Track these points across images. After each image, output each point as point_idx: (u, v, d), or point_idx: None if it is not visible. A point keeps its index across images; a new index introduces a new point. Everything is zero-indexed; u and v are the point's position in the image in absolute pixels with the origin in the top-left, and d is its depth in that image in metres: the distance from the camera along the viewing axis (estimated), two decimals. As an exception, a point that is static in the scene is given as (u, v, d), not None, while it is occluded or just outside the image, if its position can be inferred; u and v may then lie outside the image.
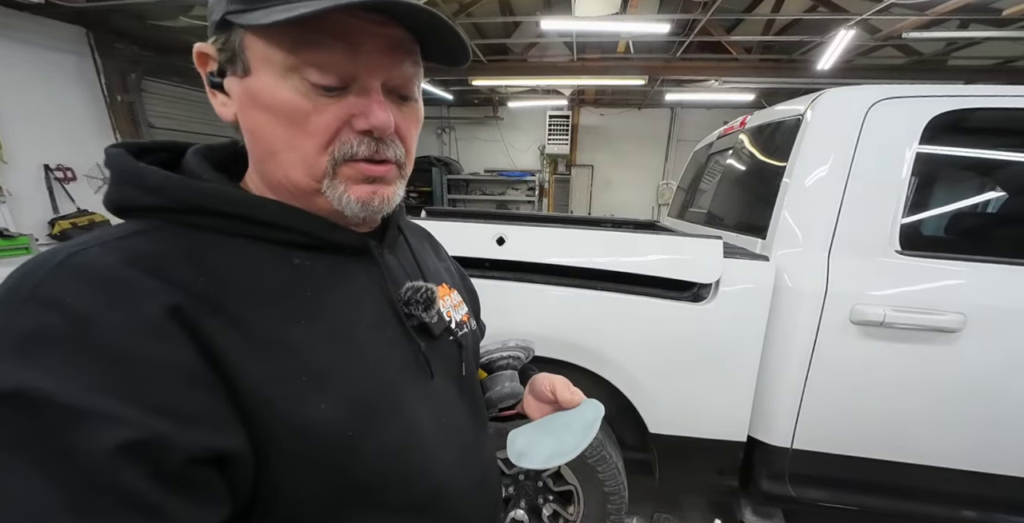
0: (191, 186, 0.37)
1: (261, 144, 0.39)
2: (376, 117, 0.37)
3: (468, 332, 0.57)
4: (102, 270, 0.31)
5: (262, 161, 0.41)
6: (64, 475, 0.26)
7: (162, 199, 0.37)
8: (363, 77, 0.37)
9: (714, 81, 4.99)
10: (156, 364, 0.30)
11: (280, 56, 0.35)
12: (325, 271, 0.42)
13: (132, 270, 0.32)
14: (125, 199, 0.38)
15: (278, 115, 0.37)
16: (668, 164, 6.94)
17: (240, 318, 0.35)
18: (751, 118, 1.67)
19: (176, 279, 0.33)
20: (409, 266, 0.52)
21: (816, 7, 4.05)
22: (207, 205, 0.37)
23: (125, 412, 0.27)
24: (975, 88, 1.15)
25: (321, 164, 0.38)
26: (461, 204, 7.08)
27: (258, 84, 0.37)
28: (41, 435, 0.26)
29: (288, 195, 0.41)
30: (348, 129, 0.38)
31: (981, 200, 1.26)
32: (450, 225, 1.33)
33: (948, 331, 1.09)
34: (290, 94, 0.36)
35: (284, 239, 0.40)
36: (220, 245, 0.38)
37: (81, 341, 0.28)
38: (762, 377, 1.19)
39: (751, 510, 1.37)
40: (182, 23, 3.69)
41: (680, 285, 1.18)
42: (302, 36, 0.34)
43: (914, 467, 1.20)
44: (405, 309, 0.47)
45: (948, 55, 4.43)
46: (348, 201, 0.40)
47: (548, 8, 4.70)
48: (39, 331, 0.28)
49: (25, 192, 3.52)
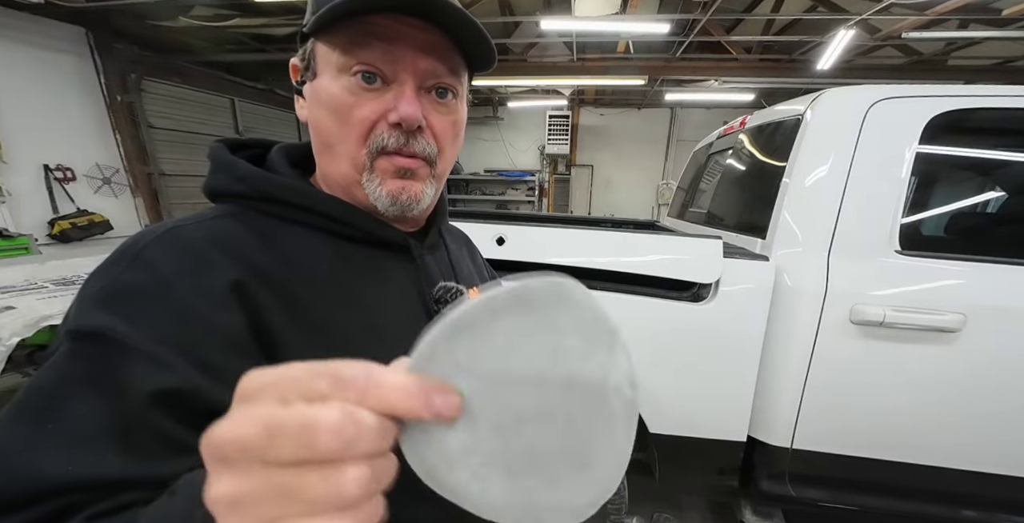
0: (267, 178, 0.44)
1: (320, 138, 0.44)
2: (403, 109, 0.41)
3: None
4: (191, 242, 0.38)
5: (320, 153, 0.46)
6: (118, 406, 0.30)
7: (245, 188, 0.43)
8: (399, 75, 0.41)
9: (714, 81, 4.99)
10: (210, 327, 0.35)
11: (335, 57, 0.41)
12: (369, 264, 0.46)
13: (212, 246, 0.38)
14: (219, 186, 0.45)
15: (330, 110, 0.42)
16: (668, 164, 6.94)
17: (293, 295, 0.40)
18: (751, 118, 1.67)
19: (245, 258, 0.39)
20: (445, 268, 0.55)
21: (816, 7, 4.05)
22: (279, 195, 0.43)
23: (176, 362, 0.32)
24: (975, 88, 1.15)
25: (361, 156, 0.43)
26: (461, 204, 7.08)
27: (320, 84, 0.42)
28: (108, 369, 0.31)
29: (339, 189, 0.46)
30: (383, 122, 0.42)
31: (981, 200, 1.26)
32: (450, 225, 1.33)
33: (948, 331, 1.09)
34: (340, 90, 0.41)
35: (337, 231, 0.45)
36: (285, 231, 0.43)
37: (159, 299, 0.34)
38: (762, 377, 1.19)
39: (751, 510, 1.37)
40: (182, 23, 3.69)
41: (680, 285, 1.18)
42: (353, 39, 0.40)
43: (914, 467, 1.20)
44: (436, 307, 0.49)
45: (948, 55, 4.43)
46: (380, 195, 0.44)
47: (548, 8, 4.71)
48: (133, 285, 0.34)
49: (25, 192, 3.52)
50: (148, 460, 0.30)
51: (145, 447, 0.30)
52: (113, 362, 0.31)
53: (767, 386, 1.20)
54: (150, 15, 3.65)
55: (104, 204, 4.02)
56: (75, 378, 0.31)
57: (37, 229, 3.57)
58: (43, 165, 3.62)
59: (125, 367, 0.31)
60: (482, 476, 0.21)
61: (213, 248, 0.38)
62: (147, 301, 0.34)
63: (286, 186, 0.44)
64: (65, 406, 0.30)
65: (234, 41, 4.24)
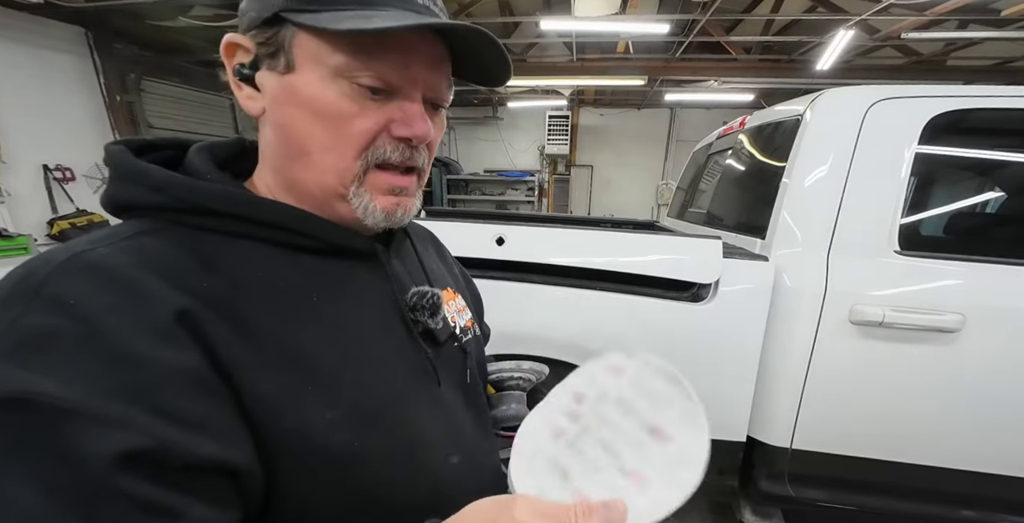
0: (195, 186, 0.37)
1: (294, 143, 0.39)
2: (419, 127, 0.39)
3: (472, 338, 0.56)
4: (110, 270, 0.30)
5: (290, 159, 0.40)
6: (70, 481, 0.25)
7: (166, 198, 0.36)
8: (408, 88, 0.38)
9: (713, 81, 5.00)
10: (163, 369, 0.29)
11: (336, 59, 0.36)
12: (332, 276, 0.42)
13: (141, 272, 0.31)
14: (127, 198, 0.37)
15: (321, 115, 0.37)
16: (667, 164, 6.94)
17: (248, 323, 0.34)
18: (750, 118, 1.68)
19: (185, 282, 0.33)
20: (415, 271, 0.52)
21: (815, 7, 4.06)
22: (212, 206, 0.37)
23: (130, 417, 0.27)
24: (974, 88, 1.15)
25: (354, 168, 0.39)
26: (461, 204, 7.07)
27: (303, 82, 0.37)
28: (44, 441, 0.26)
29: (307, 198, 0.41)
30: (385, 134, 0.39)
31: (980, 200, 1.26)
32: (450, 225, 1.33)
33: (947, 331, 1.09)
34: (336, 96, 0.36)
35: (290, 242, 0.40)
36: (226, 247, 0.37)
37: (87, 344, 0.28)
38: (761, 377, 1.19)
39: (750, 510, 1.37)
40: (181, 23, 3.68)
41: (680, 285, 1.18)
42: (364, 44, 0.35)
43: (913, 467, 1.20)
44: (411, 315, 0.46)
45: (947, 55, 4.44)
46: (373, 210, 0.40)
47: (548, 8, 4.71)
48: (45, 332, 0.27)
49: (24, 192, 3.52)
50: None
51: (117, 520, 0.26)
52: (51, 433, 0.25)
53: (766, 386, 1.20)
54: (150, 15, 3.64)
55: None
56: (6, 458, 0.25)
57: (36, 229, 3.57)
58: (42, 165, 3.62)
59: (69, 436, 0.26)
60: None
61: (143, 273, 0.31)
62: (70, 349, 0.27)
63: (220, 194, 0.37)
64: (5, 495, 0.25)
65: (234, 41, 4.23)
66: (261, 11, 0.37)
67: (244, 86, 0.39)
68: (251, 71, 0.38)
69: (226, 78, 0.41)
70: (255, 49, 0.38)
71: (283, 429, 0.34)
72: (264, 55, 0.38)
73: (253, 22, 0.37)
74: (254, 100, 0.39)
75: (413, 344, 0.45)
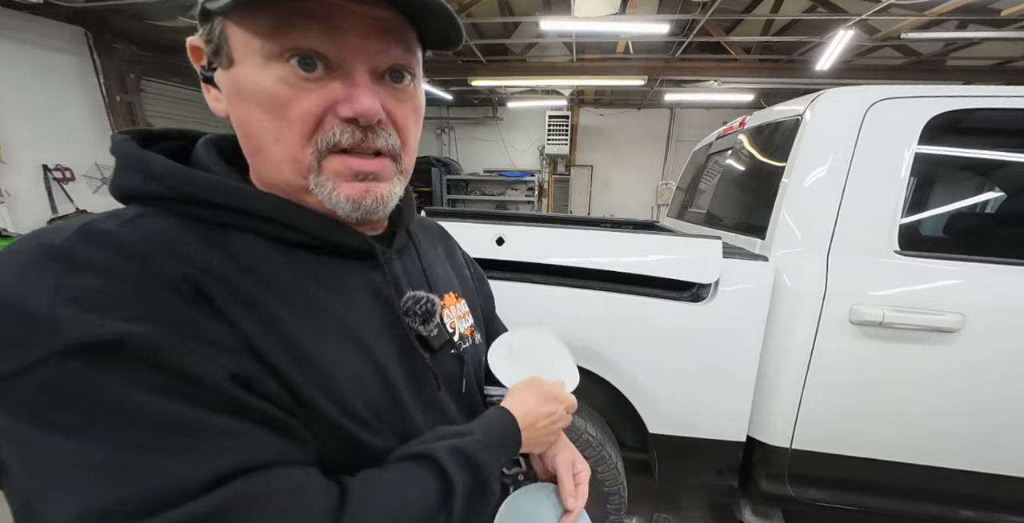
0: (191, 176, 0.36)
1: (250, 139, 0.37)
2: (360, 103, 0.35)
3: (470, 346, 0.54)
4: (123, 239, 0.31)
5: (252, 155, 0.39)
6: (199, 399, 0.29)
7: (162, 187, 0.36)
8: (347, 61, 0.35)
9: (713, 81, 5.00)
10: (201, 320, 0.31)
11: (258, 42, 0.33)
12: (328, 274, 0.41)
13: (148, 245, 0.32)
14: (127, 186, 0.37)
15: (261, 105, 0.35)
16: (667, 164, 6.94)
17: (255, 303, 0.34)
18: (750, 118, 1.68)
19: (188, 257, 0.33)
20: (415, 273, 0.50)
21: (815, 7, 4.06)
22: (205, 196, 0.36)
23: (209, 350, 0.30)
24: (973, 88, 1.15)
25: (306, 157, 0.37)
26: (460, 204, 7.07)
27: (241, 74, 0.35)
28: (157, 370, 0.28)
29: (280, 193, 0.40)
30: (332, 117, 0.36)
31: (980, 200, 1.26)
32: (449, 225, 1.31)
33: (947, 331, 1.09)
34: (271, 81, 0.34)
35: (284, 237, 0.39)
36: (225, 236, 0.36)
37: (136, 299, 0.29)
38: (761, 377, 1.19)
39: (750, 510, 1.37)
40: (181, 23, 3.68)
41: (679, 285, 1.18)
42: (280, 19, 0.33)
43: (913, 467, 1.20)
44: (405, 320, 0.45)
45: (947, 56, 4.44)
46: (338, 200, 0.38)
47: (547, 8, 4.71)
48: (96, 289, 0.28)
49: (24, 192, 3.52)
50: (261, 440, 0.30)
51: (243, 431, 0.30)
52: (161, 362, 0.28)
53: (766, 386, 1.20)
54: (149, 15, 3.65)
55: (103, 204, 4.01)
56: (132, 390, 0.27)
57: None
58: (42, 165, 3.62)
59: (178, 364, 0.28)
60: None
61: (151, 245, 0.32)
62: (125, 302, 0.29)
63: (213, 185, 0.36)
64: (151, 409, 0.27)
65: (233, 41, 4.23)
66: (197, 7, 0.35)
67: (211, 88, 0.38)
68: (210, 72, 0.37)
69: None
70: (205, 48, 0.37)
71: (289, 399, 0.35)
72: (212, 53, 0.36)
73: (199, 21, 0.36)
74: (219, 101, 0.38)
75: (409, 348, 0.45)
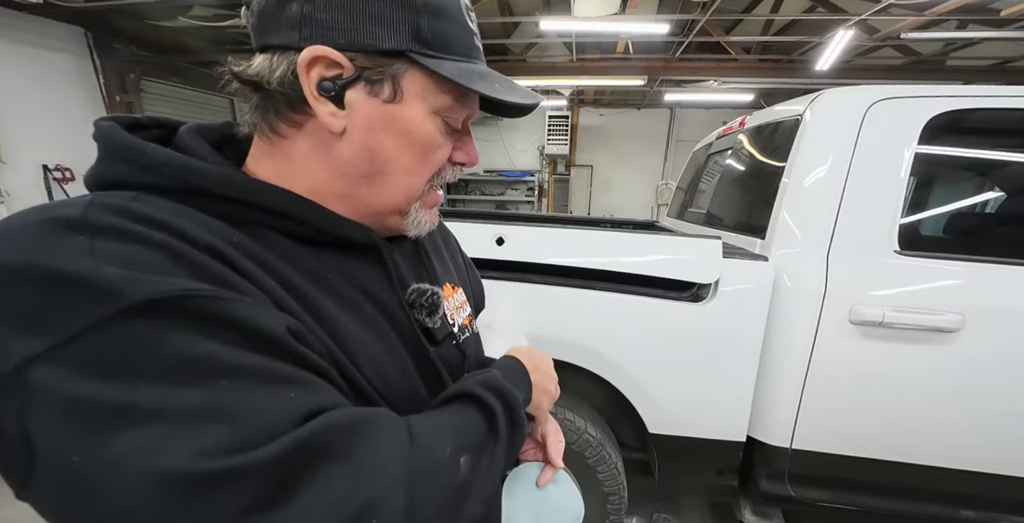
0: (194, 167, 0.36)
1: (375, 164, 0.41)
2: (475, 154, 0.46)
3: (471, 336, 0.56)
4: (142, 211, 0.31)
5: (362, 177, 0.41)
6: (265, 347, 0.30)
7: (161, 178, 0.35)
8: (467, 122, 0.45)
9: (713, 81, 5.00)
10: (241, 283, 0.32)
11: (440, 100, 0.41)
12: (337, 265, 0.43)
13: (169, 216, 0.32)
14: (115, 176, 0.35)
15: (415, 144, 0.41)
16: (667, 164, 6.94)
17: (283, 277, 0.36)
18: (750, 118, 1.68)
19: (213, 231, 0.34)
20: (416, 267, 0.52)
21: (815, 7, 4.06)
22: (212, 188, 0.36)
23: (265, 308, 0.32)
24: (973, 88, 1.15)
25: (422, 190, 0.44)
26: (460, 204, 7.07)
27: (407, 114, 0.40)
28: (225, 320, 0.29)
29: (363, 209, 0.43)
30: (447, 161, 0.45)
31: (979, 200, 1.26)
32: (450, 225, 1.32)
33: (947, 331, 1.09)
34: (432, 130, 0.41)
35: (291, 230, 0.40)
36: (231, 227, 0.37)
37: (174, 259, 0.30)
38: (761, 377, 1.19)
39: (750, 510, 1.37)
40: (181, 23, 3.68)
41: (679, 285, 1.18)
42: (463, 93, 0.41)
43: (913, 467, 1.20)
44: (410, 312, 0.46)
45: (946, 56, 4.44)
46: (422, 222, 0.46)
47: (547, 8, 4.71)
48: (134, 252, 0.28)
49: (23, 192, 3.51)
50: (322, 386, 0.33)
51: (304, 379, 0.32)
52: (228, 315, 0.29)
53: (766, 386, 1.20)
54: (149, 15, 3.65)
55: (103, 204, 4.02)
56: (205, 343, 0.28)
57: (36, 229, 3.56)
58: (42, 165, 3.62)
59: (244, 315, 0.30)
60: None
61: (172, 217, 0.32)
62: (168, 264, 0.29)
63: (221, 176, 0.36)
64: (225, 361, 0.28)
65: (233, 41, 4.23)
66: (381, 42, 0.37)
67: (327, 102, 0.38)
68: (340, 89, 0.38)
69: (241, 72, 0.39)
70: (354, 70, 0.37)
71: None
72: (367, 79, 0.38)
73: (361, 46, 0.37)
74: (337, 118, 0.38)
75: (415, 339, 0.46)
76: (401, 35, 0.37)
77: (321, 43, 0.36)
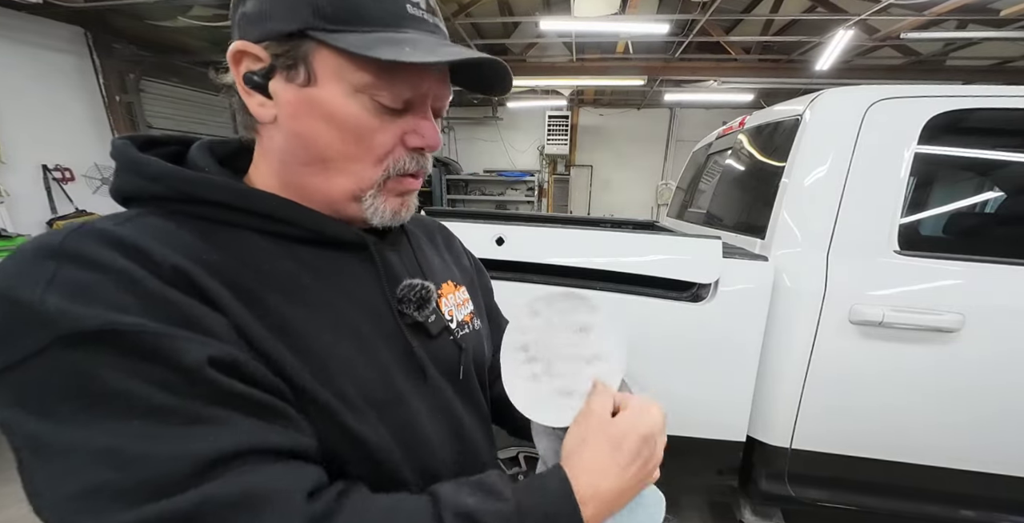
0: (188, 176, 0.39)
1: (311, 150, 0.41)
2: (432, 138, 0.42)
3: (471, 332, 0.56)
4: (116, 234, 0.33)
5: (304, 164, 0.41)
6: (182, 382, 0.30)
7: (163, 188, 0.38)
8: (420, 102, 0.41)
9: (713, 81, 5.00)
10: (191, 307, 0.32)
11: (359, 77, 0.38)
12: (322, 265, 0.43)
13: (146, 239, 0.34)
14: (129, 188, 0.39)
15: (342, 128, 0.39)
16: (667, 164, 6.94)
17: (249, 292, 0.36)
18: (750, 118, 1.68)
19: (186, 252, 0.35)
20: (410, 264, 0.52)
21: (814, 7, 4.05)
22: (205, 195, 0.39)
23: (197, 337, 0.31)
24: (973, 88, 1.15)
25: (373, 177, 0.42)
26: (460, 204, 7.07)
27: (325, 96, 0.38)
28: (144, 356, 0.29)
29: (316, 197, 0.43)
30: (401, 145, 0.42)
31: (979, 200, 1.26)
32: (449, 225, 1.32)
33: (947, 331, 1.09)
34: (358, 110, 0.39)
35: (280, 231, 0.41)
36: (225, 234, 0.39)
37: (124, 288, 0.31)
38: (761, 377, 1.19)
39: (750, 510, 1.37)
40: (181, 23, 3.68)
41: (679, 285, 1.19)
42: (386, 66, 0.37)
43: (913, 467, 1.20)
44: (398, 307, 0.46)
45: (946, 56, 4.44)
46: (383, 211, 0.44)
47: (547, 8, 4.71)
48: (86, 281, 0.30)
49: (23, 192, 3.51)
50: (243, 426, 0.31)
51: (228, 417, 0.31)
52: (147, 349, 0.29)
53: (766, 386, 1.20)
54: (149, 15, 3.64)
55: (103, 204, 4.01)
56: (118, 377, 0.28)
57: (35, 229, 3.56)
58: (42, 165, 3.61)
59: (163, 349, 0.29)
60: None
61: (146, 240, 0.34)
62: (113, 292, 0.30)
63: (213, 184, 0.39)
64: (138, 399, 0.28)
65: (233, 41, 4.25)
66: (283, 25, 0.37)
67: (255, 93, 0.40)
68: (263, 80, 0.39)
69: (220, 80, 0.43)
70: (270, 59, 0.38)
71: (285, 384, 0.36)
72: (281, 66, 0.38)
73: (269, 34, 0.38)
74: (265, 108, 0.40)
75: (400, 335, 0.46)
76: (302, 14, 0.36)
77: (241, 38, 0.39)
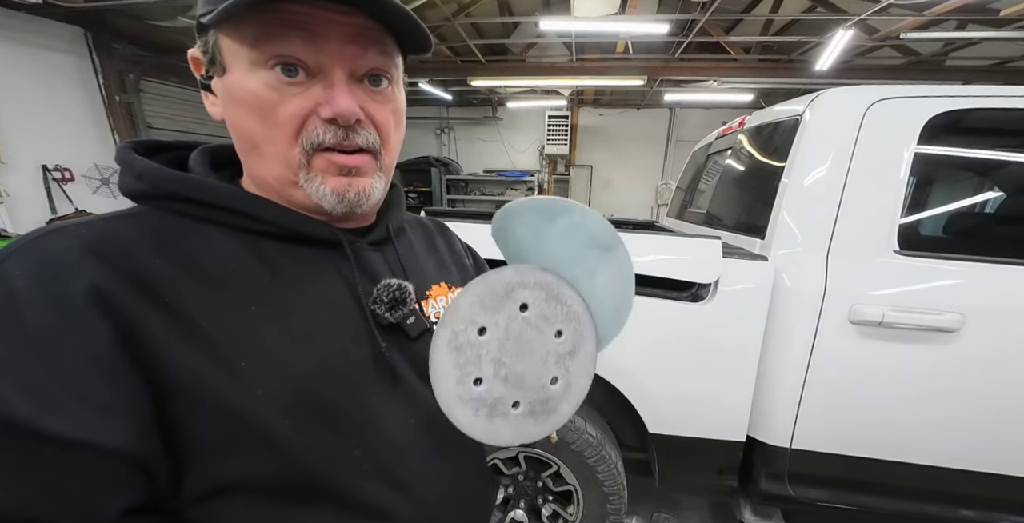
0: (168, 175, 0.41)
1: (242, 138, 0.41)
2: (338, 104, 0.38)
3: None
4: (51, 250, 0.34)
5: (246, 154, 0.43)
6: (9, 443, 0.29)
7: (145, 186, 0.41)
8: (326, 66, 0.38)
9: (713, 81, 5.00)
10: (58, 345, 0.31)
11: (245, 51, 0.37)
12: (291, 262, 0.43)
13: (82, 252, 0.34)
14: (124, 187, 0.42)
15: (250, 108, 0.39)
16: (667, 164, 6.94)
17: (183, 302, 0.36)
18: (750, 118, 1.68)
19: (123, 263, 0.35)
20: (394, 264, 0.51)
21: (814, 7, 4.05)
22: (182, 192, 0.40)
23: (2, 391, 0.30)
24: (973, 88, 1.15)
25: (294, 155, 0.40)
26: (460, 204, 7.08)
27: (232, 80, 0.39)
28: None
29: (272, 190, 0.43)
30: (315, 118, 0.39)
31: (979, 200, 1.26)
32: (449, 225, 1.33)
33: (946, 331, 1.09)
34: (257, 86, 0.38)
35: (252, 228, 0.42)
36: (193, 231, 0.40)
37: (5, 314, 0.31)
38: (761, 377, 1.19)
39: (750, 510, 1.37)
40: (180, 23, 3.68)
41: (679, 285, 1.18)
42: (263, 29, 0.36)
43: (913, 467, 1.20)
44: (371, 307, 0.45)
45: (946, 55, 4.44)
46: (324, 193, 0.41)
47: (547, 8, 4.71)
48: None
49: (23, 192, 3.51)
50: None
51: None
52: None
53: (766, 386, 1.20)
54: (148, 15, 3.64)
55: (103, 205, 4.02)
56: None
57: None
58: (41, 165, 3.61)
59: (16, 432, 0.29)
60: None
61: (83, 254, 0.34)
62: (15, 313, 0.31)
63: (189, 182, 0.40)
64: None
65: (233, 41, 4.25)
66: (201, 21, 0.39)
67: (209, 95, 0.43)
68: (208, 80, 0.42)
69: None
70: (203, 58, 0.41)
71: (207, 404, 0.35)
72: (208, 63, 0.41)
73: (200, 35, 0.41)
74: (215, 106, 0.43)
75: (369, 336, 0.44)
76: (204, 7, 0.38)
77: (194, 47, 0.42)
